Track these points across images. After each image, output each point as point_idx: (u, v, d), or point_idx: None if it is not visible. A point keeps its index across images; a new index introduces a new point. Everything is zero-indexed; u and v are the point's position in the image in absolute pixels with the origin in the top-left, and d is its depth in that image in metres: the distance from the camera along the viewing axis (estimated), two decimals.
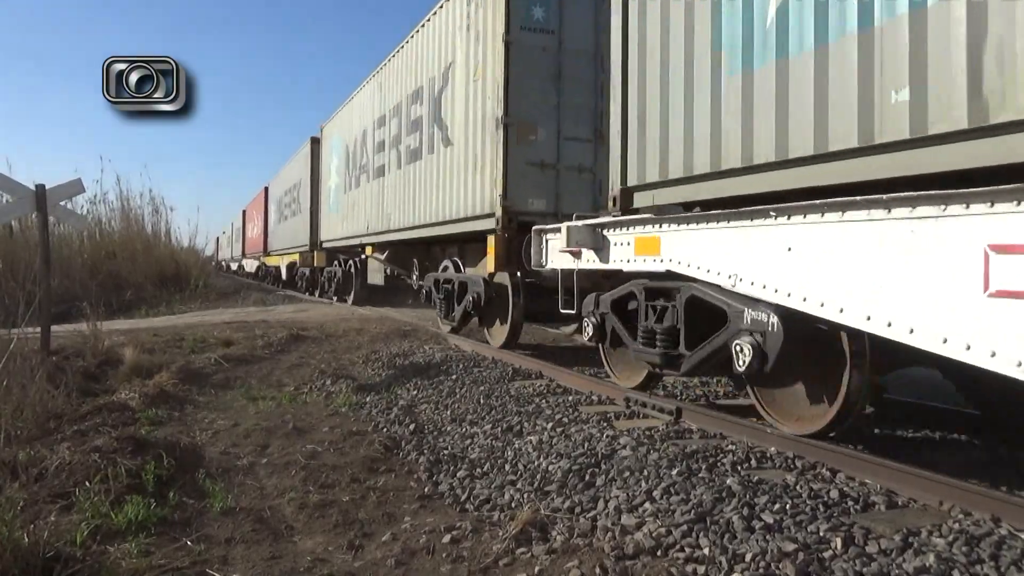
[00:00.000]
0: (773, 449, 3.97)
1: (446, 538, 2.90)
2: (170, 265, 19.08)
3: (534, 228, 6.43)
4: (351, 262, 16.01)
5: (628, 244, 5.07)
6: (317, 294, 19.76)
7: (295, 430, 4.79)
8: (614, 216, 5.37)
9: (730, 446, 4.05)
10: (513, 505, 3.28)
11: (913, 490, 3.23)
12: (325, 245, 17.81)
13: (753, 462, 3.76)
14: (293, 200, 22.08)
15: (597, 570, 2.53)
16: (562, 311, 6.10)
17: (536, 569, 2.60)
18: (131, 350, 6.99)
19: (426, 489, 3.59)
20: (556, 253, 6.00)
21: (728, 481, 3.34)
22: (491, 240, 7.87)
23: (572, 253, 5.68)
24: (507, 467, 3.86)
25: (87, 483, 3.36)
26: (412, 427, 4.83)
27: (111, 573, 2.56)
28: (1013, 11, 2.74)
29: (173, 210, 29.54)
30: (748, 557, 2.57)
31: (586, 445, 4.11)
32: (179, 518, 3.20)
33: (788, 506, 3.02)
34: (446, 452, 4.21)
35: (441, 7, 9.72)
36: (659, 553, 2.67)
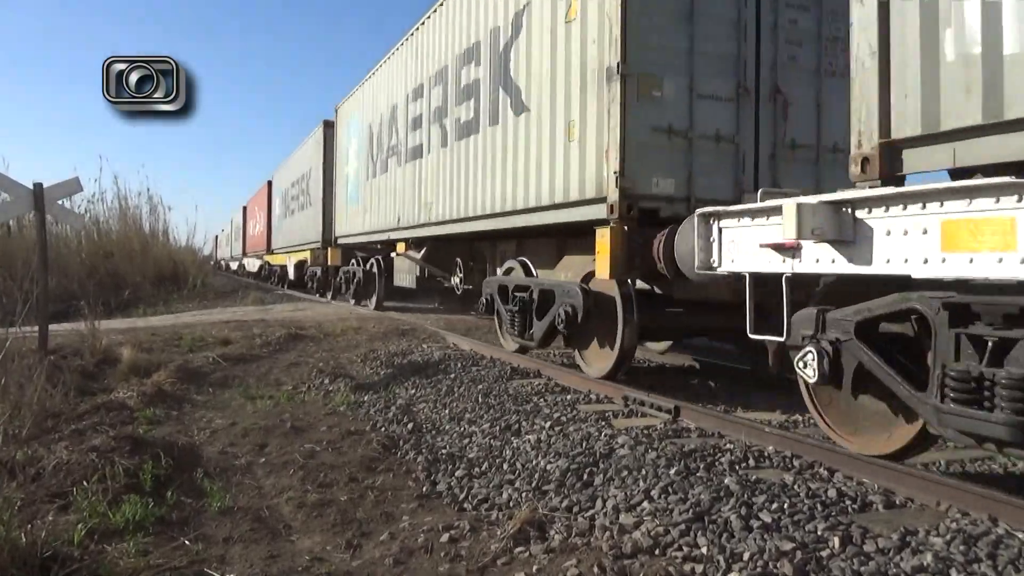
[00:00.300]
0: (771, 448, 3.97)
1: (444, 537, 2.90)
2: (168, 264, 19.08)
3: (699, 212, 4.37)
4: (373, 261, 14.04)
5: (923, 232, 3.00)
6: (330, 296, 17.97)
7: (293, 429, 4.78)
8: (877, 188, 3.37)
9: (728, 445, 4.05)
10: (511, 504, 3.28)
11: (910, 490, 3.23)
12: (341, 241, 15.73)
13: (751, 461, 3.76)
14: (302, 192, 19.83)
15: (595, 569, 2.53)
16: (752, 336, 4.04)
17: (534, 568, 2.60)
18: (129, 349, 6.99)
19: (424, 488, 3.59)
20: (745, 248, 4.05)
21: (726, 480, 3.34)
22: (604, 235, 5.63)
23: (783, 248, 3.75)
24: (505, 466, 3.86)
25: (85, 482, 3.36)
26: (410, 426, 4.83)
27: (109, 572, 2.56)
28: None
29: (171, 209, 29.38)
30: (746, 556, 2.57)
31: (584, 444, 4.11)
32: (177, 517, 3.20)
33: (786, 505, 3.03)
34: (444, 451, 4.21)
35: None
36: (657, 552, 2.67)
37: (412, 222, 10.66)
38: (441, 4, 9.55)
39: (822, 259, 3.55)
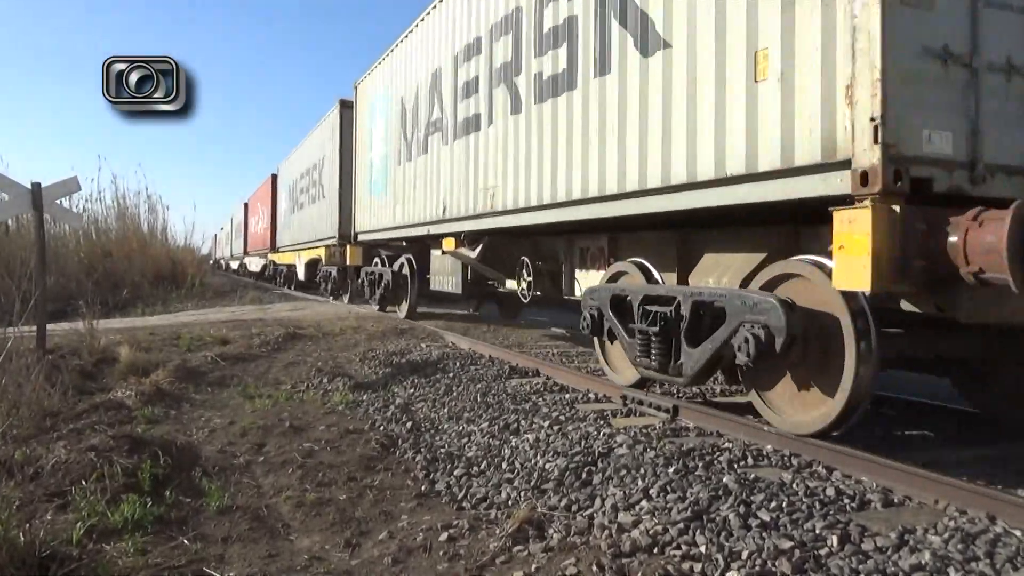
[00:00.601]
0: (769, 447, 3.98)
1: (443, 536, 2.91)
2: (166, 263, 19.07)
3: None
4: (404, 260, 11.88)
5: None
6: (347, 299, 16.10)
7: (292, 428, 4.78)
8: None
9: (727, 444, 4.05)
10: (510, 503, 3.28)
11: (909, 488, 3.24)
12: (362, 238, 13.39)
13: (750, 460, 3.76)
14: (313, 183, 17.68)
15: (594, 568, 2.53)
16: None
17: (533, 567, 2.60)
18: (127, 348, 6.98)
19: (423, 487, 3.60)
20: None
21: (724, 479, 3.34)
22: (856, 220, 3.43)
23: None
24: (504, 465, 3.86)
25: (83, 482, 3.36)
26: (409, 425, 4.83)
27: (107, 572, 2.56)
28: None
29: (169, 208, 29.41)
30: (744, 555, 2.57)
31: (583, 443, 4.11)
32: (175, 517, 3.20)
33: (784, 504, 3.03)
34: (443, 450, 4.22)
35: None
36: (656, 551, 2.67)
37: (464, 212, 8.52)
38: None
39: None
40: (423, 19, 10.11)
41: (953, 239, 3.33)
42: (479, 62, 8.14)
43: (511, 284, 8.38)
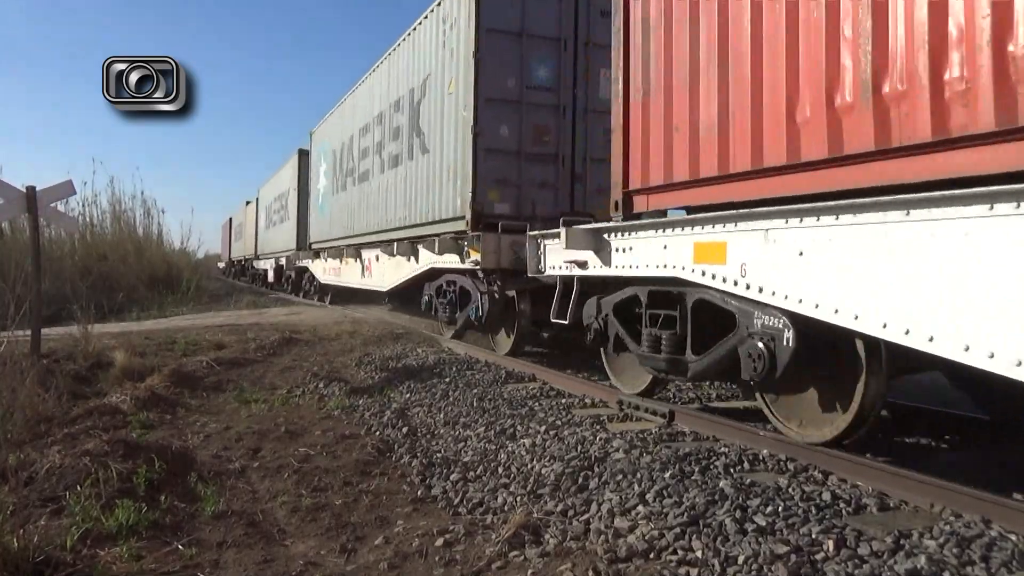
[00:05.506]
0: (766, 452, 3.98)
1: (439, 541, 2.90)
2: (162, 267, 19.02)
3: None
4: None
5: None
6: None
7: (287, 433, 4.77)
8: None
9: (723, 449, 4.05)
10: (506, 508, 3.28)
11: (904, 492, 3.24)
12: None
13: (746, 465, 3.77)
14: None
15: (590, 573, 2.53)
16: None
17: (529, 572, 2.60)
18: (122, 353, 6.96)
19: (419, 492, 3.59)
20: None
21: (721, 484, 3.34)
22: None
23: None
24: (500, 470, 3.85)
25: (78, 487, 3.34)
26: (405, 430, 4.82)
27: None
28: None
29: (164, 212, 29.35)
30: (741, 559, 2.57)
31: (579, 448, 4.11)
32: (170, 522, 3.18)
33: (780, 508, 3.03)
34: (439, 455, 4.21)
35: None
36: (652, 556, 2.67)
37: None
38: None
39: None
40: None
41: None
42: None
43: None
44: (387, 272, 11.61)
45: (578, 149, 8.51)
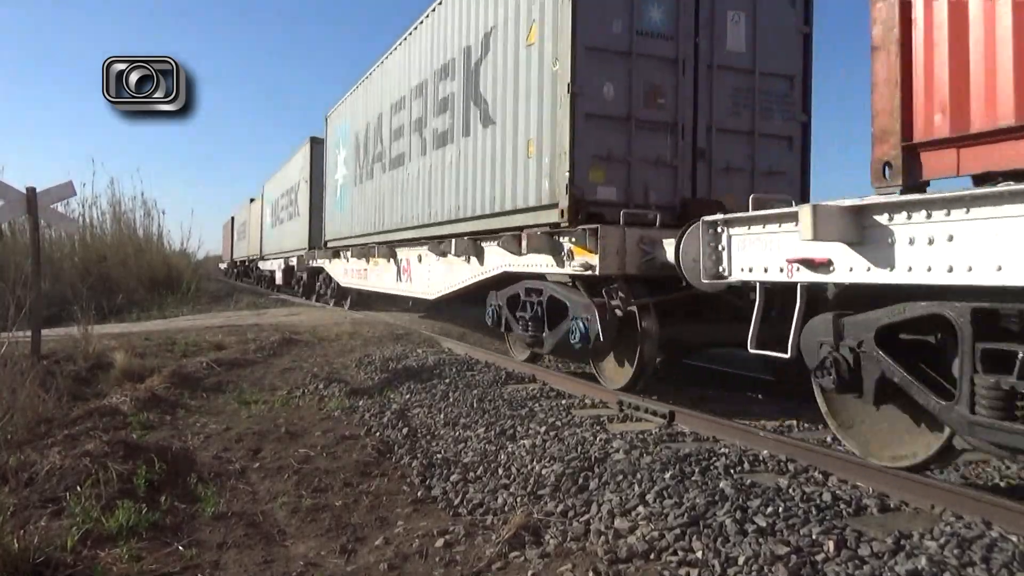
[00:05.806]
0: (766, 452, 3.98)
1: (439, 542, 2.90)
2: (162, 268, 18.99)
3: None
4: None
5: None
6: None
7: (287, 434, 4.77)
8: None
9: (723, 449, 4.05)
10: (506, 509, 3.28)
11: (905, 494, 3.24)
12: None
13: (746, 465, 3.77)
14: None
15: (590, 574, 2.53)
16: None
17: (529, 573, 2.60)
18: (122, 354, 6.96)
19: (419, 493, 3.59)
20: None
21: (721, 484, 3.34)
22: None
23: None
24: (500, 471, 3.85)
25: (78, 488, 3.35)
26: (405, 431, 4.82)
27: None
28: None
29: (164, 213, 29.29)
30: (741, 560, 2.57)
31: (579, 448, 4.11)
32: (170, 523, 3.18)
33: (781, 509, 3.03)
34: (439, 456, 4.21)
35: None
36: (652, 557, 2.67)
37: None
38: None
39: None
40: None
41: None
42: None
43: None
44: (434, 276, 9.27)
45: (701, 116, 6.50)
